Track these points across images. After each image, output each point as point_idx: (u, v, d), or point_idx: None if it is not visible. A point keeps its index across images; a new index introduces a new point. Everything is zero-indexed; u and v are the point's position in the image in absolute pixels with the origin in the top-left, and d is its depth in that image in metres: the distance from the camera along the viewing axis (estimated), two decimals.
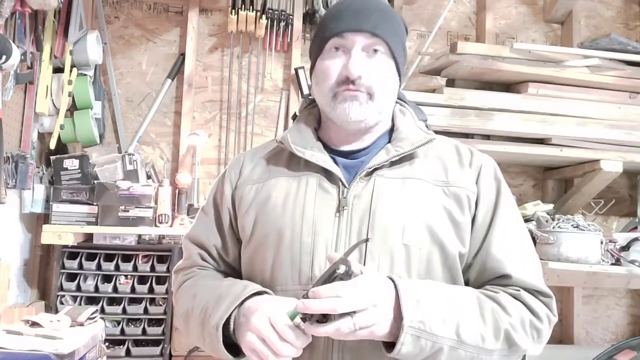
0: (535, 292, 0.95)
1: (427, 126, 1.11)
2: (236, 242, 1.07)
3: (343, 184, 0.98)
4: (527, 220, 2.30)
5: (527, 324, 0.91)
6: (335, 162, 1.01)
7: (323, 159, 1.00)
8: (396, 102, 1.10)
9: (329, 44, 1.01)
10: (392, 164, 0.99)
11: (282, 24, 2.72)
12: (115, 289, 2.27)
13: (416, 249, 0.93)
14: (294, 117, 1.15)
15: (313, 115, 1.10)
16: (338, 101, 0.99)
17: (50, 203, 2.28)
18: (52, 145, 2.34)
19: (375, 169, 0.98)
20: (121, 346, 2.24)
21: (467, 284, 0.99)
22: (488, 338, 0.87)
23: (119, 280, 2.27)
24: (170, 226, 2.38)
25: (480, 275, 0.98)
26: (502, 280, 0.95)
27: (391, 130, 1.07)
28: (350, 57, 0.98)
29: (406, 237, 0.92)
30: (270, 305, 0.88)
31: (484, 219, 0.98)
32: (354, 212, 0.95)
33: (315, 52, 1.05)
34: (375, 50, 0.99)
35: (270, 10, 2.70)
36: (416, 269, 0.92)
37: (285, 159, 1.05)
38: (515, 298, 0.93)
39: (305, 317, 0.83)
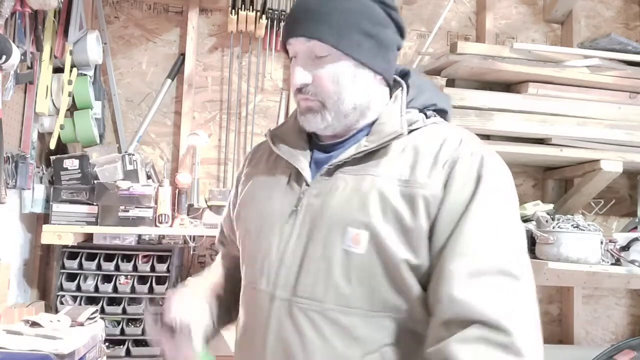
0: (492, 331, 0.76)
1: (438, 111, 0.99)
2: None
3: (306, 182, 0.94)
4: (527, 220, 2.30)
5: None
6: (312, 156, 0.98)
7: (295, 154, 0.97)
8: (401, 85, 0.99)
9: (289, 52, 0.98)
10: (361, 159, 0.91)
11: (282, 24, 2.72)
12: (115, 289, 2.27)
13: (357, 255, 0.85)
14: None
15: None
16: (299, 111, 0.98)
17: (50, 203, 2.28)
18: (52, 145, 2.34)
19: (340, 166, 0.92)
20: (121, 346, 2.24)
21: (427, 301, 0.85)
22: None
23: (119, 280, 2.27)
24: (170, 226, 2.38)
25: (433, 294, 0.83)
26: (453, 306, 0.79)
27: None
28: (295, 65, 0.95)
29: (347, 241, 0.85)
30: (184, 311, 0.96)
31: (447, 226, 0.84)
32: (307, 212, 0.91)
33: None
34: (320, 54, 0.92)
35: (270, 10, 2.70)
36: (356, 276, 0.85)
37: (275, 153, 1.03)
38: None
39: None
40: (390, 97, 0.99)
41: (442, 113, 1.01)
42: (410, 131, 0.92)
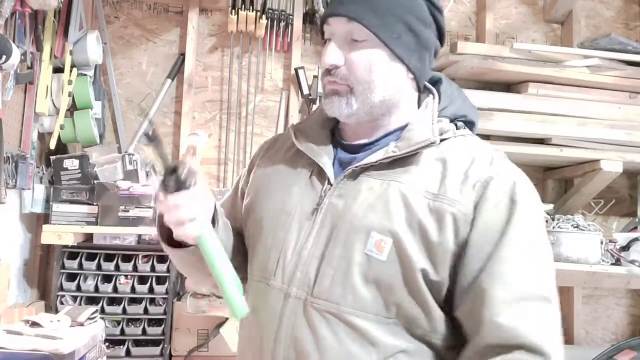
0: (534, 355, 0.80)
1: (467, 123, 0.98)
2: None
3: (329, 181, 0.92)
4: None
5: None
6: (336, 155, 0.97)
7: (318, 151, 0.95)
8: (432, 92, 0.98)
9: (324, 32, 0.95)
10: (389, 164, 0.90)
11: (282, 24, 2.72)
12: (115, 289, 2.26)
13: (378, 261, 0.84)
14: None
15: None
16: (324, 95, 0.95)
17: (50, 203, 2.28)
18: (52, 145, 2.34)
19: (366, 169, 0.91)
20: (121, 346, 2.24)
21: (460, 321, 0.86)
22: None
23: (119, 280, 2.27)
24: None
25: (473, 317, 0.83)
26: (489, 329, 0.81)
27: None
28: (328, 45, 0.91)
29: (369, 246, 0.85)
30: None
31: (480, 248, 0.83)
32: (328, 212, 0.90)
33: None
34: (358, 38, 0.89)
35: (270, 10, 2.70)
36: (374, 281, 0.85)
37: (294, 147, 1.01)
38: None
39: None
40: (419, 103, 0.98)
41: (470, 125, 1.00)
42: (441, 141, 0.91)
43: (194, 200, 0.83)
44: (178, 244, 0.93)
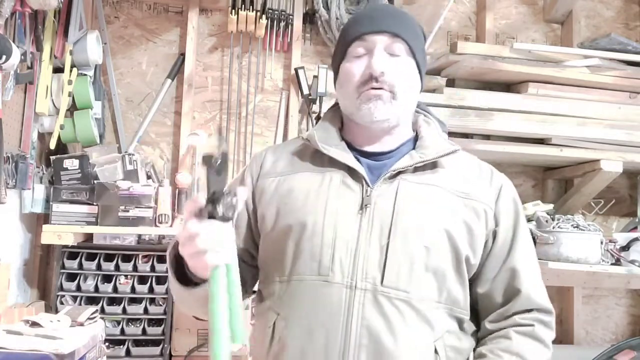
0: (544, 314, 1.04)
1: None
2: (249, 233, 1.11)
3: (367, 182, 1.02)
4: (527, 220, 2.30)
5: None
6: (359, 161, 1.05)
7: (347, 157, 1.04)
8: (420, 113, 1.16)
9: (352, 48, 1.06)
10: (416, 170, 1.04)
11: (282, 24, 2.72)
12: (115, 289, 2.27)
13: (435, 253, 0.98)
14: (318, 117, 1.21)
15: (337, 116, 1.14)
16: (362, 101, 1.04)
17: (50, 203, 2.28)
18: (52, 145, 2.34)
19: (399, 173, 1.03)
20: (121, 346, 2.24)
21: (487, 296, 1.05)
22: None
23: (119, 280, 2.27)
24: (170, 226, 2.38)
25: (506, 290, 1.04)
26: (521, 299, 1.03)
27: (415, 139, 1.11)
28: (372, 55, 1.03)
29: (426, 239, 0.98)
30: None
31: (505, 238, 1.05)
32: (376, 211, 0.99)
33: (339, 58, 1.10)
34: (397, 52, 1.04)
35: (270, 10, 2.70)
36: (433, 270, 0.98)
37: (309, 155, 1.09)
38: (532, 336, 1.02)
39: None
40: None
41: None
42: None
43: (227, 233, 0.83)
44: (189, 282, 0.95)
